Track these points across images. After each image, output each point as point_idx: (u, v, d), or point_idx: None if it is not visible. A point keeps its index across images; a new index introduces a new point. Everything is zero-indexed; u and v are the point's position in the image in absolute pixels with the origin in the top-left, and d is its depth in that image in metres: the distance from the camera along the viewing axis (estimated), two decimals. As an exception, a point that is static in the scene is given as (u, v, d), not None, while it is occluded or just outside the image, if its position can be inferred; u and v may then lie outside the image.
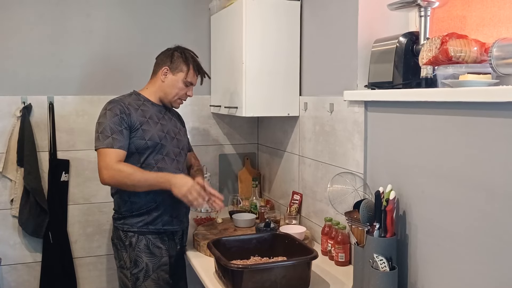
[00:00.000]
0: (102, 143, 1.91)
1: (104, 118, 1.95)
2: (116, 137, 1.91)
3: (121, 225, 2.02)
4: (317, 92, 2.24)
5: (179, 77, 2.07)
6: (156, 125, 2.03)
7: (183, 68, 2.07)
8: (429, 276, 1.52)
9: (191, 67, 2.08)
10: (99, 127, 1.95)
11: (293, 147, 2.49)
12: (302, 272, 1.69)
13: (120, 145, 1.91)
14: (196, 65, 2.11)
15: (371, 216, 1.61)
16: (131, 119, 1.96)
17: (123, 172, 1.88)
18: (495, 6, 1.51)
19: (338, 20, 2.02)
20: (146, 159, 1.98)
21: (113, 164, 1.88)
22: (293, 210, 2.38)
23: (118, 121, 1.93)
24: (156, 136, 2.00)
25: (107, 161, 1.89)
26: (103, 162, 1.89)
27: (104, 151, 1.90)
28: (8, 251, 2.55)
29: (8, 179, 2.52)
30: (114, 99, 2.03)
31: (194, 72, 2.10)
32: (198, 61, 2.14)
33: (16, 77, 2.53)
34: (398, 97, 1.59)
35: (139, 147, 1.97)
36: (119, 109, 1.96)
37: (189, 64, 2.08)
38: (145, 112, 2.03)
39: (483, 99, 1.23)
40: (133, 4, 2.71)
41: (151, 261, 1.99)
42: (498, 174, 1.24)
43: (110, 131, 1.92)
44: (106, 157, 1.89)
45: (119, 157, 1.90)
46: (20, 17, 2.51)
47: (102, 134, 1.92)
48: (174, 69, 2.07)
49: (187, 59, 2.08)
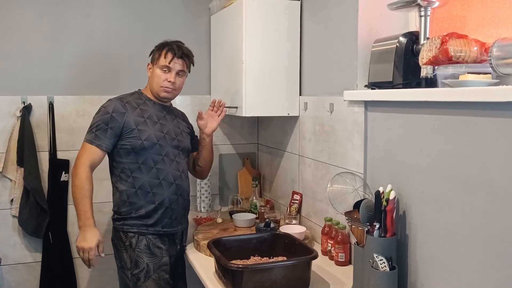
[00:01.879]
0: (85, 137, 1.99)
1: (98, 113, 2.01)
2: (99, 135, 1.96)
3: (120, 225, 2.02)
4: (317, 92, 2.24)
5: (156, 66, 2.08)
6: (154, 125, 2.03)
7: (156, 56, 2.09)
8: (429, 276, 1.52)
9: (163, 52, 2.06)
10: (91, 121, 2.02)
11: (293, 147, 2.49)
12: (302, 272, 1.69)
13: (98, 143, 1.96)
14: (168, 48, 2.06)
15: (371, 216, 1.61)
16: (124, 118, 1.97)
17: (76, 179, 1.95)
18: (495, 6, 1.51)
19: (338, 20, 2.02)
20: (144, 160, 1.99)
21: (81, 164, 1.96)
22: (293, 210, 2.38)
23: (107, 120, 1.96)
24: (153, 136, 2.00)
25: (81, 159, 1.96)
26: (78, 157, 1.98)
27: (84, 144, 1.99)
28: (8, 251, 2.55)
29: (8, 179, 2.52)
30: (114, 97, 2.06)
31: (165, 54, 2.05)
32: (176, 45, 2.08)
33: (16, 77, 2.53)
34: (398, 97, 1.59)
35: (135, 147, 1.97)
36: (113, 108, 1.98)
37: (161, 50, 2.07)
38: (144, 111, 2.03)
39: (483, 99, 1.23)
40: (133, 4, 2.71)
41: (151, 261, 1.98)
42: (498, 174, 1.24)
43: (96, 127, 1.97)
44: (82, 151, 1.98)
45: (93, 156, 1.96)
46: (20, 17, 2.51)
47: (90, 128, 2.00)
48: (153, 61, 2.11)
49: (160, 47, 2.09)
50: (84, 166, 1.95)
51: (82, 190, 1.94)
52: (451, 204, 1.41)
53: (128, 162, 1.98)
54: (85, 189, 1.94)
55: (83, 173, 1.94)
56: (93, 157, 1.97)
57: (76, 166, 1.97)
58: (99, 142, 1.96)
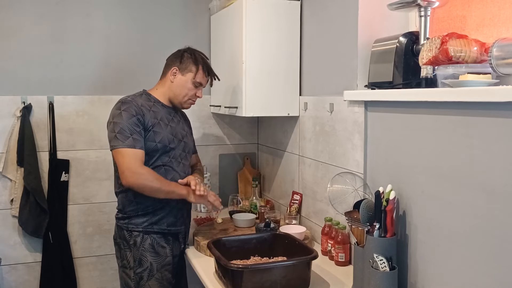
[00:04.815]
0: (122, 143, 1.88)
1: (120, 118, 1.92)
2: (137, 138, 1.91)
3: (125, 224, 2.01)
4: (317, 92, 2.24)
5: (188, 77, 2.06)
6: (166, 127, 2.03)
7: (192, 68, 2.06)
8: (429, 276, 1.52)
9: (200, 68, 2.07)
10: (115, 127, 1.92)
11: (293, 147, 2.49)
12: (302, 272, 1.69)
13: (141, 146, 1.92)
14: (206, 66, 2.11)
15: (371, 216, 1.61)
16: (145, 120, 1.95)
17: (148, 177, 1.89)
18: (495, 6, 1.51)
19: (338, 20, 2.02)
20: (155, 161, 1.98)
21: (138, 167, 1.88)
22: (293, 210, 2.38)
23: (136, 122, 1.92)
24: (166, 139, 2.00)
25: (130, 162, 1.88)
26: (126, 163, 1.88)
27: (125, 151, 1.88)
28: (8, 251, 2.55)
29: (8, 179, 2.52)
30: (126, 99, 1.99)
31: (203, 73, 2.09)
32: (208, 62, 2.14)
33: (16, 77, 2.53)
34: (398, 97, 1.59)
35: (148, 149, 1.96)
36: (135, 110, 1.94)
37: (198, 64, 2.07)
38: (156, 113, 2.02)
39: (483, 99, 1.23)
40: (133, 4, 2.71)
41: (155, 260, 1.99)
42: (498, 174, 1.24)
43: (129, 131, 1.90)
44: (128, 158, 1.88)
45: (141, 159, 1.91)
46: (20, 17, 2.52)
47: (120, 134, 1.89)
48: (183, 70, 2.06)
49: (196, 59, 2.08)
50: (137, 165, 1.89)
51: (159, 179, 1.91)
52: (451, 204, 1.41)
53: None
54: (157, 176, 1.91)
55: (144, 171, 1.89)
56: (141, 158, 1.91)
57: (131, 170, 1.87)
58: (141, 145, 1.91)
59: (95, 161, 2.67)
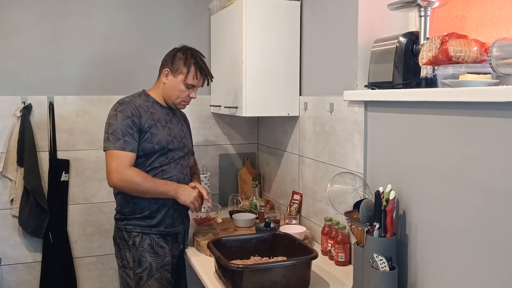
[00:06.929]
0: (113, 145, 1.89)
1: (115, 119, 1.92)
2: (128, 140, 1.90)
3: (123, 225, 2.01)
4: (317, 92, 2.24)
5: (179, 79, 2.03)
6: (164, 128, 2.02)
7: (183, 70, 2.02)
8: (429, 276, 1.52)
9: (192, 69, 2.03)
10: (109, 128, 1.93)
11: (293, 147, 2.49)
12: (302, 272, 1.69)
13: (131, 148, 1.91)
14: (198, 67, 2.05)
15: (371, 216, 1.61)
16: (141, 122, 1.95)
17: (134, 177, 1.88)
18: (495, 6, 1.51)
19: (338, 20, 2.02)
20: (152, 163, 1.98)
21: (124, 168, 1.88)
22: (293, 210, 2.38)
23: (130, 124, 1.92)
24: (163, 140, 2.00)
25: (118, 164, 1.88)
26: (114, 165, 1.88)
27: (115, 153, 1.89)
28: (8, 251, 2.55)
29: (8, 179, 2.52)
30: (124, 100, 1.99)
31: (194, 74, 2.04)
32: (202, 62, 2.08)
33: (16, 77, 2.53)
34: (398, 97, 1.59)
35: (146, 151, 1.96)
36: (131, 112, 1.94)
37: (189, 66, 2.02)
38: (154, 114, 2.01)
39: (483, 99, 1.23)
40: (133, 4, 2.71)
41: (154, 260, 1.99)
42: (498, 174, 1.24)
43: (121, 133, 1.90)
44: (117, 159, 1.88)
45: (130, 161, 1.90)
46: (20, 17, 2.51)
47: (112, 135, 1.90)
48: (174, 71, 2.04)
49: (187, 60, 2.03)
50: (124, 166, 1.88)
51: (147, 179, 1.90)
52: (451, 204, 1.41)
53: (136, 165, 1.97)
54: (143, 176, 1.90)
55: (130, 172, 1.88)
56: (130, 161, 1.90)
57: (117, 171, 1.87)
58: (132, 147, 1.90)
59: (95, 161, 2.68)
